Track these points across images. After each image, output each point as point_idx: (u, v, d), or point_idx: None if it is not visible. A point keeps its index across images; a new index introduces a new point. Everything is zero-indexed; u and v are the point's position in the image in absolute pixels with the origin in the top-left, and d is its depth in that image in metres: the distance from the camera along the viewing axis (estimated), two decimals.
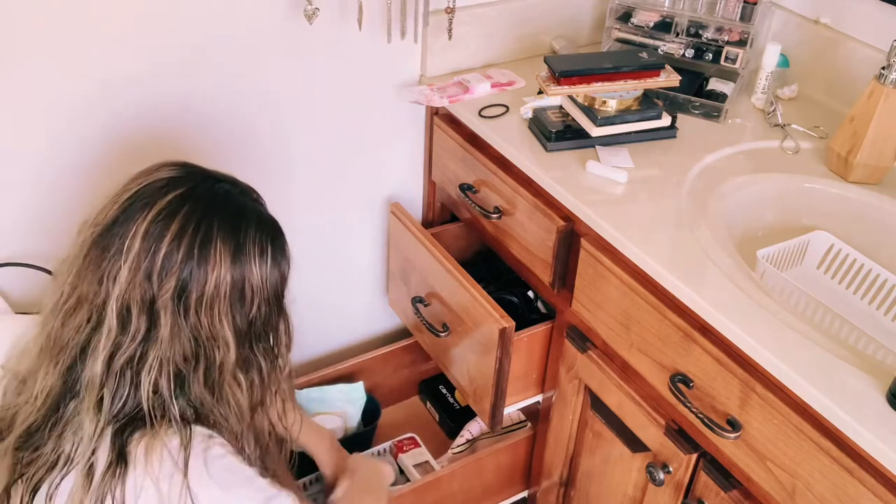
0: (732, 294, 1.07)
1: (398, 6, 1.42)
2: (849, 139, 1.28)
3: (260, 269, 0.95)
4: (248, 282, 0.94)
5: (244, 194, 0.99)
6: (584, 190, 1.26)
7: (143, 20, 1.24)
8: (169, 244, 0.89)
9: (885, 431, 0.89)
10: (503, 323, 1.32)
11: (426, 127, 1.62)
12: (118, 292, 0.88)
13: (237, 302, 0.93)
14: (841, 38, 1.47)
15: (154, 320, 0.90)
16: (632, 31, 1.53)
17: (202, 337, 0.92)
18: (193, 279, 0.89)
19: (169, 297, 0.89)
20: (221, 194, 0.95)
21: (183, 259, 0.89)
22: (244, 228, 0.94)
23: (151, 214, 0.89)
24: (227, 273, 0.91)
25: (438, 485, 1.52)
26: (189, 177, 0.95)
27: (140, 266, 0.88)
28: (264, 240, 0.96)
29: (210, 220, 0.91)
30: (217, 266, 0.90)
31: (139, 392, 0.90)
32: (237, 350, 0.94)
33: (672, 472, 1.19)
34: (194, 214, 0.91)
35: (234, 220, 0.93)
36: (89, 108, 1.27)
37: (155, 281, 0.88)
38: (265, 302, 0.96)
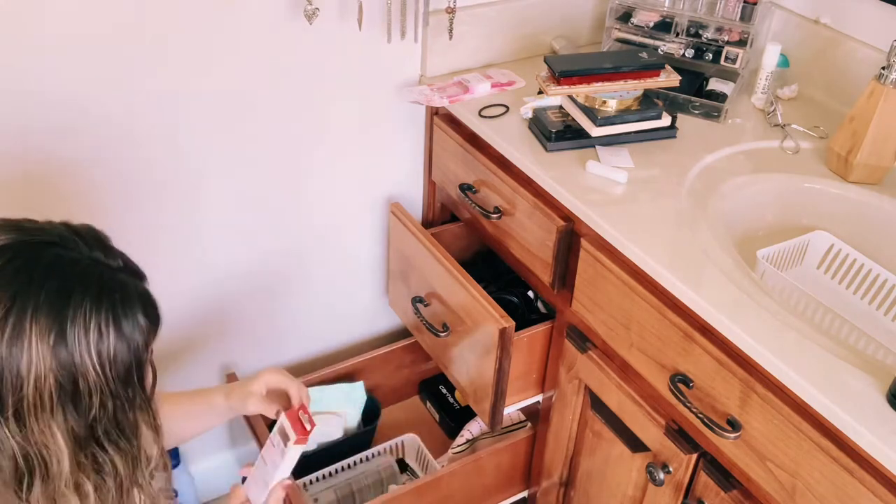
0: (732, 294, 1.07)
1: (398, 6, 1.42)
2: (849, 139, 1.28)
3: (95, 355, 0.77)
4: (81, 375, 0.77)
5: (81, 260, 0.81)
6: (584, 190, 1.26)
7: (143, 20, 1.24)
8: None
9: (885, 431, 0.89)
10: (503, 323, 1.32)
11: (426, 127, 1.62)
12: None
13: (68, 403, 0.77)
14: (841, 38, 1.47)
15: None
16: (632, 31, 1.53)
17: (31, 447, 0.77)
18: (7, 381, 0.74)
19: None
20: (46, 263, 0.78)
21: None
22: (72, 305, 0.76)
23: None
24: (47, 370, 0.75)
25: (438, 485, 1.52)
26: (7, 247, 0.78)
27: None
28: (104, 314, 0.78)
29: (23, 304, 0.75)
30: (33, 363, 0.74)
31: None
32: (72, 459, 0.79)
33: (672, 472, 1.19)
34: (3, 299, 0.74)
35: (56, 299, 0.76)
36: (87, 109, 1.27)
37: None
38: (110, 396, 0.80)
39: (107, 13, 1.20)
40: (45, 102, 1.22)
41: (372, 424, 1.72)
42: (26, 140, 1.24)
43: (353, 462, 1.68)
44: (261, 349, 1.70)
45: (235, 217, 1.51)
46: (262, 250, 1.58)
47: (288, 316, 1.70)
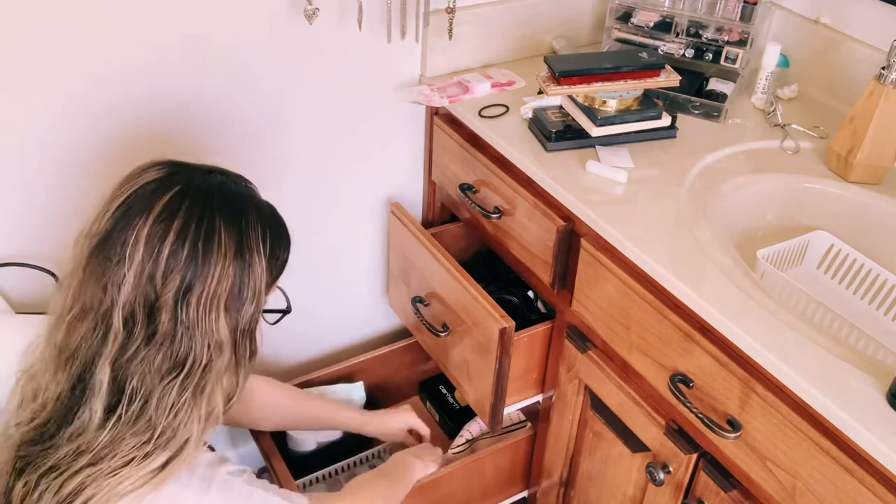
0: (732, 294, 1.07)
1: (398, 6, 1.42)
2: (849, 139, 1.28)
3: (262, 261, 0.94)
4: (251, 277, 0.93)
5: (237, 183, 0.98)
6: (584, 190, 1.26)
7: (143, 19, 1.24)
8: (172, 244, 0.88)
9: (885, 431, 0.89)
10: (503, 323, 1.32)
11: (426, 127, 1.62)
12: (123, 299, 0.88)
13: (236, 299, 0.92)
14: (841, 38, 1.47)
15: (153, 320, 0.89)
16: (632, 31, 1.53)
17: (197, 337, 0.90)
18: (198, 276, 0.89)
19: (171, 297, 0.88)
20: (216, 186, 0.94)
21: (187, 257, 0.88)
22: (245, 217, 0.93)
23: (151, 217, 0.88)
24: (230, 267, 0.90)
25: (438, 485, 1.51)
26: (179, 174, 0.93)
27: (144, 270, 0.87)
28: (265, 229, 0.95)
29: (211, 213, 0.91)
30: (221, 260, 0.90)
31: (125, 389, 0.89)
32: (230, 352, 0.94)
33: (672, 472, 1.19)
34: (194, 210, 0.90)
35: (233, 211, 0.93)
36: (85, 106, 1.27)
37: (158, 282, 0.88)
38: (258, 297, 0.95)
39: (104, 16, 1.20)
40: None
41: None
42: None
43: (352, 462, 1.68)
44: (261, 349, 1.70)
45: None
46: None
47: (288, 316, 1.70)
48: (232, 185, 0.96)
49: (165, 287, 0.88)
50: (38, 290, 1.35)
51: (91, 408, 0.90)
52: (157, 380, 0.90)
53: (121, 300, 0.88)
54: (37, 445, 0.92)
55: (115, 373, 0.89)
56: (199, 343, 0.90)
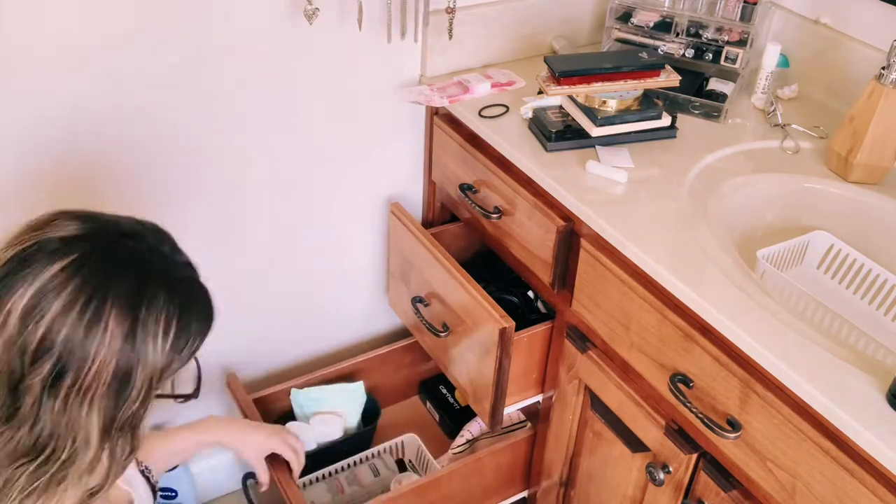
0: (732, 294, 1.07)
1: (398, 6, 1.42)
2: (849, 139, 1.28)
3: (157, 350, 0.82)
4: (139, 368, 0.81)
5: (152, 251, 0.86)
6: (584, 190, 1.26)
7: (142, 20, 1.24)
8: (51, 322, 0.77)
9: (885, 431, 0.89)
10: (503, 323, 1.32)
11: (426, 127, 1.62)
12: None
13: (116, 392, 0.81)
14: (841, 38, 1.47)
15: (17, 400, 0.79)
16: (632, 31, 1.53)
17: (62, 427, 0.80)
18: (72, 363, 0.78)
19: (38, 381, 0.78)
20: (123, 258, 0.83)
21: (65, 340, 0.77)
22: (147, 298, 0.81)
23: (35, 286, 0.77)
24: (113, 357, 0.79)
25: (438, 485, 1.52)
26: (86, 237, 0.82)
27: (14, 343, 0.77)
28: (171, 310, 0.83)
29: (104, 293, 0.79)
30: (103, 348, 0.78)
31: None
32: (98, 448, 0.82)
33: (672, 472, 1.19)
34: (85, 288, 0.78)
35: (134, 291, 0.81)
36: (83, 107, 1.27)
37: (27, 360, 0.78)
38: (144, 390, 0.83)
39: (107, 14, 1.20)
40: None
41: (372, 424, 1.72)
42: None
43: (352, 462, 1.68)
44: (261, 349, 1.70)
45: (235, 217, 1.51)
46: (261, 251, 1.58)
47: (288, 316, 1.70)
48: (145, 256, 0.84)
49: (34, 369, 0.78)
50: None
51: None
52: (6, 461, 0.80)
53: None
54: None
55: None
56: (63, 434, 0.80)
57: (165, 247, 0.88)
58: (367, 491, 1.64)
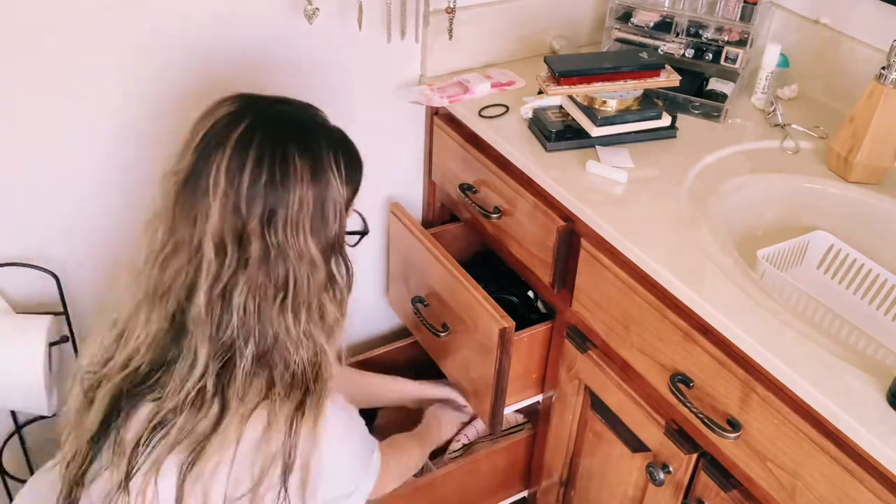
0: (732, 294, 1.07)
1: (398, 6, 1.42)
2: (849, 139, 1.28)
3: (338, 182, 0.98)
4: (330, 197, 0.96)
5: (304, 110, 1.03)
6: (584, 190, 1.26)
7: (142, 19, 1.24)
8: (251, 173, 0.91)
9: (885, 431, 0.89)
10: (503, 323, 1.32)
11: (426, 127, 1.62)
12: (212, 228, 0.91)
13: (319, 219, 0.95)
14: (841, 38, 1.47)
15: (245, 247, 0.92)
16: (632, 31, 1.53)
17: (291, 258, 0.94)
18: (279, 202, 0.92)
19: (257, 223, 0.92)
20: (285, 115, 0.99)
21: (266, 184, 0.91)
22: (316, 144, 0.97)
23: (228, 150, 0.92)
24: (308, 190, 0.94)
25: (437, 485, 1.51)
26: (249, 108, 0.97)
27: (228, 199, 0.91)
28: (337, 152, 0.99)
29: (283, 142, 0.94)
30: (299, 185, 0.93)
31: (232, 318, 0.93)
32: (325, 268, 0.97)
33: (672, 472, 1.19)
34: (266, 141, 0.93)
35: (305, 139, 0.96)
36: (82, 110, 1.27)
37: (243, 210, 0.91)
38: (340, 215, 0.99)
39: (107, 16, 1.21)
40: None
41: (369, 425, 1.71)
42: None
43: None
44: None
45: None
46: None
47: None
48: (299, 113, 1.01)
49: (250, 215, 0.91)
50: (38, 290, 1.34)
51: (192, 340, 0.94)
52: (266, 302, 0.94)
53: (209, 230, 0.91)
54: (141, 386, 0.96)
55: (210, 300, 0.92)
56: (294, 263, 0.94)
57: (311, 109, 1.05)
58: None
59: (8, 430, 1.45)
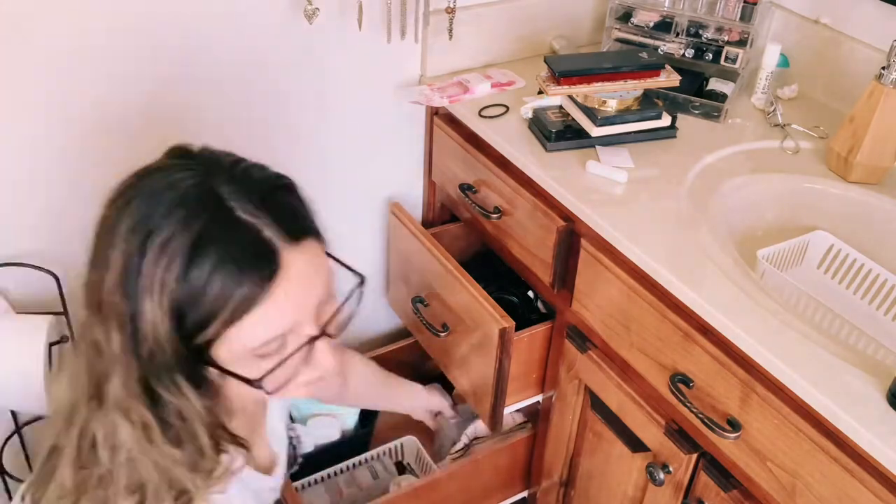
0: (732, 294, 1.06)
1: (398, 6, 1.42)
2: (849, 139, 1.28)
3: (151, 289, 0.73)
4: (139, 304, 0.74)
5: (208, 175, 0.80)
6: (584, 190, 1.26)
7: (142, 20, 1.24)
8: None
9: (885, 431, 0.89)
10: (503, 323, 1.32)
11: (426, 127, 1.62)
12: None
13: (128, 329, 0.75)
14: (841, 38, 1.47)
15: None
16: (632, 31, 1.53)
17: (96, 360, 0.78)
18: (94, 275, 0.77)
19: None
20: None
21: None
22: (154, 226, 0.74)
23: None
24: (115, 282, 0.74)
25: (437, 486, 1.51)
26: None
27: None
28: (178, 248, 0.73)
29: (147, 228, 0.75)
30: (110, 267, 0.75)
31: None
32: (123, 378, 0.77)
33: (672, 472, 1.19)
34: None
35: (149, 211, 0.75)
36: (82, 106, 1.27)
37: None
38: (159, 341, 0.75)
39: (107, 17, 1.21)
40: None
41: (369, 426, 1.71)
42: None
43: (351, 465, 1.68)
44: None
45: None
46: None
47: None
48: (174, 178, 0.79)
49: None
50: (38, 290, 1.34)
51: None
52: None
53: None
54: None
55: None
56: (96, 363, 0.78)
57: (227, 186, 0.79)
58: (366, 493, 1.63)
59: (8, 430, 1.44)
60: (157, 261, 0.73)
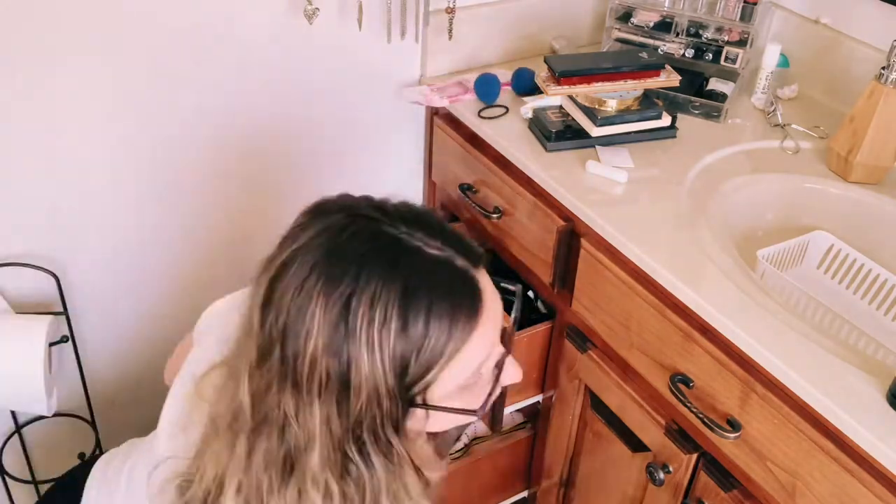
0: (732, 294, 1.07)
1: (398, 6, 1.42)
2: (849, 139, 1.28)
3: (369, 347, 0.69)
4: (353, 364, 0.69)
5: (392, 228, 0.76)
6: (584, 190, 1.26)
7: (142, 20, 1.24)
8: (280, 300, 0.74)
9: (885, 431, 0.89)
10: (503, 323, 1.32)
11: (426, 127, 1.62)
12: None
13: (334, 392, 0.71)
14: (841, 38, 1.47)
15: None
16: (632, 31, 1.53)
17: (294, 428, 0.72)
18: (288, 345, 0.71)
19: (273, 370, 0.72)
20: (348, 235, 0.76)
21: (285, 320, 0.71)
22: (353, 285, 0.70)
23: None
24: (321, 347, 0.69)
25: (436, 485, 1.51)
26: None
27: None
28: (388, 302, 0.69)
29: (317, 270, 0.73)
30: (311, 335, 0.70)
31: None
32: (324, 451, 0.73)
33: (672, 472, 1.19)
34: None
35: (340, 271, 0.71)
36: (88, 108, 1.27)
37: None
38: (377, 396, 0.71)
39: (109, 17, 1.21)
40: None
41: None
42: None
43: None
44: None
45: (234, 216, 1.51)
46: (261, 251, 1.57)
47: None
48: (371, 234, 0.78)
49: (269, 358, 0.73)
50: (38, 290, 1.34)
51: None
52: (263, 469, 0.75)
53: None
54: None
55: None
56: (295, 434, 0.73)
57: (432, 238, 0.76)
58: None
59: (8, 430, 1.45)
60: (370, 320, 0.69)
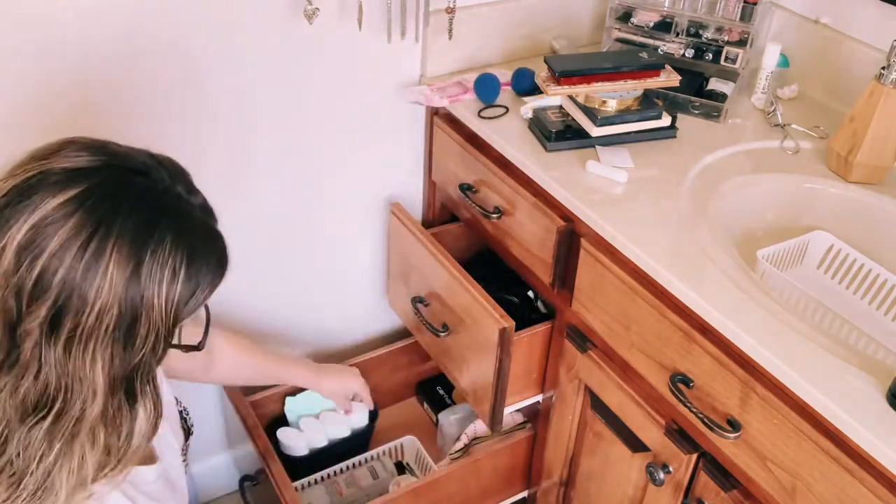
0: (732, 294, 1.06)
1: (398, 6, 1.42)
2: (849, 139, 1.28)
3: (162, 297, 0.75)
4: (144, 314, 0.74)
5: (166, 190, 0.79)
6: (584, 190, 1.26)
7: (142, 19, 1.24)
8: (48, 259, 0.71)
9: (885, 431, 0.89)
10: (503, 323, 1.32)
11: (426, 127, 1.62)
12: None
13: (121, 339, 0.74)
14: (841, 38, 1.47)
15: (16, 345, 0.73)
16: (632, 31, 1.53)
17: (66, 378, 0.73)
18: (71, 304, 0.71)
19: (37, 325, 0.72)
20: (132, 194, 0.76)
21: (62, 280, 0.71)
22: (152, 241, 0.74)
23: (34, 220, 0.71)
24: (114, 301, 0.72)
25: (437, 486, 1.51)
26: (94, 170, 0.75)
27: (10, 281, 0.71)
28: (181, 251, 0.76)
29: (107, 231, 0.72)
30: (104, 291, 0.72)
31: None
32: (104, 401, 0.75)
33: (672, 472, 1.19)
34: (87, 224, 0.72)
35: (140, 231, 0.74)
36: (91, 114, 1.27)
37: (24, 301, 0.71)
38: (158, 340, 0.76)
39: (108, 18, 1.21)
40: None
41: (370, 425, 1.71)
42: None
43: (351, 464, 1.68)
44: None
45: (234, 216, 1.50)
46: (261, 251, 1.58)
47: (288, 316, 1.70)
48: (156, 194, 0.78)
49: (31, 311, 0.71)
50: None
51: None
52: (17, 416, 0.75)
53: None
54: None
55: None
56: (70, 385, 0.74)
57: (180, 186, 0.81)
58: (366, 493, 1.64)
59: None
60: (160, 278, 0.75)
